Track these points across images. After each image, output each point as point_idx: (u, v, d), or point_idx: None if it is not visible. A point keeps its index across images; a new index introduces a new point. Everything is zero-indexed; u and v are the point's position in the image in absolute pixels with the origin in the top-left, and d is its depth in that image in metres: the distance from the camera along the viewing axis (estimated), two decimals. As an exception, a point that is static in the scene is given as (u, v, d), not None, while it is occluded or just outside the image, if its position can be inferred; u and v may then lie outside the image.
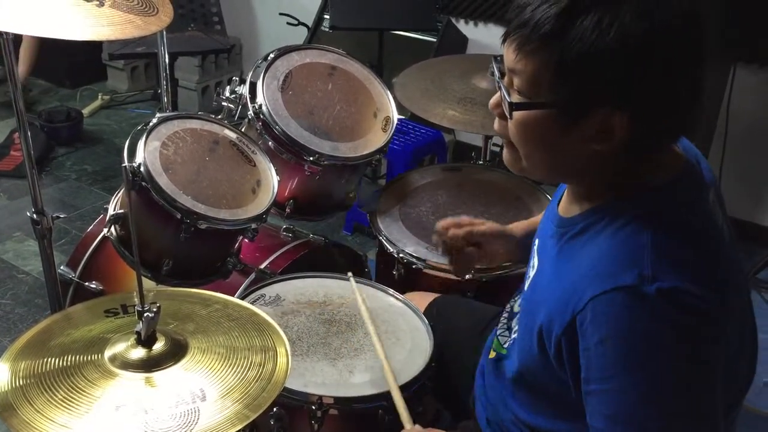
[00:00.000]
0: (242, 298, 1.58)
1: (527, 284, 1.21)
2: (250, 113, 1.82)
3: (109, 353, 1.13)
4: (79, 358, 1.12)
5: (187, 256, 1.68)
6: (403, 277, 1.83)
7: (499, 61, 1.06)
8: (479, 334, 1.50)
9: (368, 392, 1.37)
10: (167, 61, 2.05)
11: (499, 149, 2.91)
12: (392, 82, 2.14)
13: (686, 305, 0.93)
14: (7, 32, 1.57)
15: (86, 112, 4.02)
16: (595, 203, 1.06)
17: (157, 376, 1.10)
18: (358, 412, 1.38)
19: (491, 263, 1.60)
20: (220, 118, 1.80)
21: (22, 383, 1.08)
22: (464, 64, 2.30)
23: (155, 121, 1.66)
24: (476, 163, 2.28)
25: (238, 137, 1.75)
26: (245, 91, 1.84)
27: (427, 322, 1.55)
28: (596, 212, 1.05)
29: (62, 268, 1.96)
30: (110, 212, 1.72)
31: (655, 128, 0.98)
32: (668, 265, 0.95)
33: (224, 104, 1.88)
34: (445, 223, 1.49)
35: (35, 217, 1.75)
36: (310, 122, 1.85)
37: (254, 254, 1.90)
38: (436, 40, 3.40)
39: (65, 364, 1.11)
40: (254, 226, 1.68)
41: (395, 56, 3.20)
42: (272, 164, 1.76)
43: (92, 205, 3.27)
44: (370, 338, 1.50)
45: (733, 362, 1.01)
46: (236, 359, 1.15)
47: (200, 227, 1.59)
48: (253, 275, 1.81)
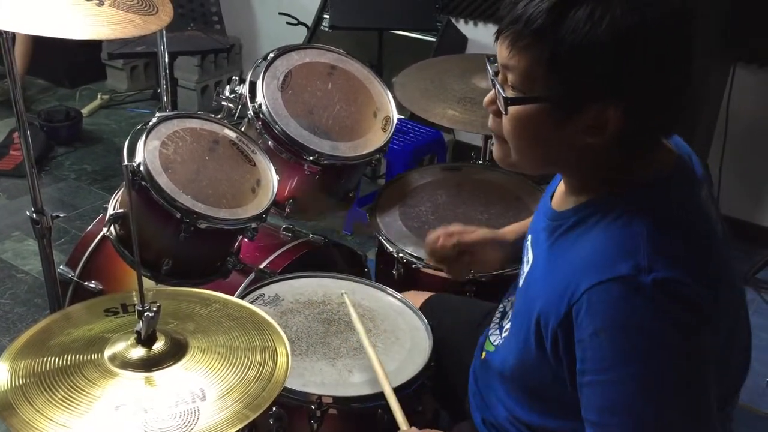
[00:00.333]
0: (242, 297, 1.58)
1: (521, 280, 1.22)
2: (249, 113, 1.82)
3: (108, 353, 1.13)
4: (78, 357, 1.12)
5: (186, 255, 1.68)
6: (402, 276, 1.83)
7: (492, 60, 1.07)
8: (474, 330, 1.50)
9: (367, 392, 1.37)
10: (167, 60, 2.05)
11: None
12: (392, 81, 2.14)
13: (681, 296, 0.94)
14: (6, 31, 1.57)
15: (85, 111, 4.02)
16: (588, 197, 1.07)
17: (156, 375, 1.10)
18: (357, 411, 1.38)
19: (485, 269, 1.60)
20: (219, 117, 1.80)
21: (21, 383, 1.08)
22: (464, 63, 2.30)
23: (155, 120, 1.66)
24: (476, 162, 2.28)
25: (237, 137, 1.75)
26: (245, 90, 1.85)
27: (426, 321, 1.55)
28: (589, 206, 1.06)
29: (62, 267, 1.96)
30: (110, 212, 1.72)
31: (647, 123, 0.99)
32: (664, 255, 0.95)
33: (224, 104, 1.88)
34: (434, 235, 1.51)
35: (35, 216, 1.75)
36: (309, 122, 1.85)
37: (254, 254, 1.90)
38: (435, 39, 3.40)
39: (65, 363, 1.11)
40: (254, 225, 1.68)
41: (395, 56, 3.20)
42: (272, 164, 1.76)
43: (91, 204, 3.27)
44: (369, 338, 1.50)
45: (724, 355, 1.02)
46: (236, 359, 1.15)
47: (200, 227, 1.59)
48: (252, 275, 1.81)
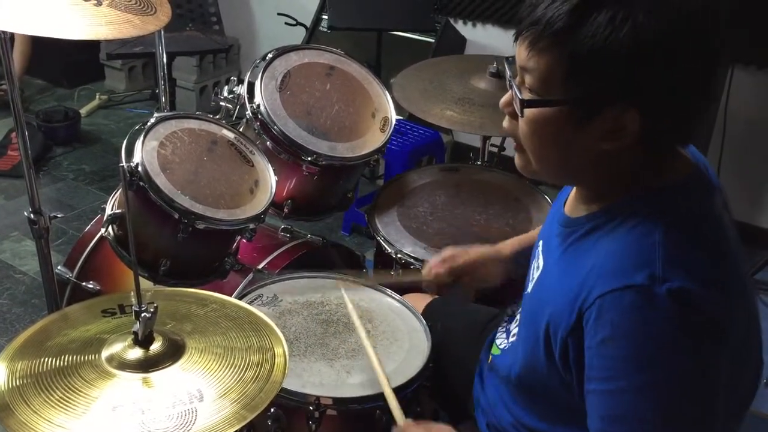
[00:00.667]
0: (240, 298, 1.58)
1: (531, 285, 1.20)
2: (248, 113, 1.82)
3: (106, 353, 1.12)
4: (76, 358, 1.12)
5: (184, 256, 1.68)
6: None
7: (511, 61, 1.05)
8: (477, 335, 1.50)
9: (366, 393, 1.36)
10: (165, 60, 2.05)
11: (497, 150, 2.91)
12: (390, 82, 2.14)
13: (696, 307, 0.92)
14: (4, 32, 1.57)
15: (84, 111, 4.01)
16: (603, 204, 1.05)
17: (154, 376, 1.10)
18: (355, 412, 1.38)
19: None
20: (218, 118, 1.80)
21: (18, 383, 1.08)
22: (462, 64, 2.30)
23: (153, 120, 1.66)
24: (474, 163, 2.28)
25: (236, 137, 1.75)
26: (243, 91, 1.84)
27: (425, 323, 1.55)
28: (604, 213, 1.04)
29: (59, 268, 1.96)
30: (108, 212, 1.71)
31: (665, 129, 0.98)
32: (679, 266, 0.94)
33: (222, 104, 1.88)
34: (427, 267, 1.52)
35: (32, 216, 1.75)
36: (308, 122, 1.85)
37: (252, 254, 1.89)
38: (434, 40, 3.41)
39: (62, 364, 1.11)
40: (252, 226, 1.68)
41: (393, 56, 3.20)
42: (270, 164, 1.76)
43: (90, 205, 3.26)
44: (368, 339, 1.50)
45: (736, 368, 1.00)
46: (234, 359, 1.15)
47: (198, 227, 1.59)
48: (250, 275, 1.81)
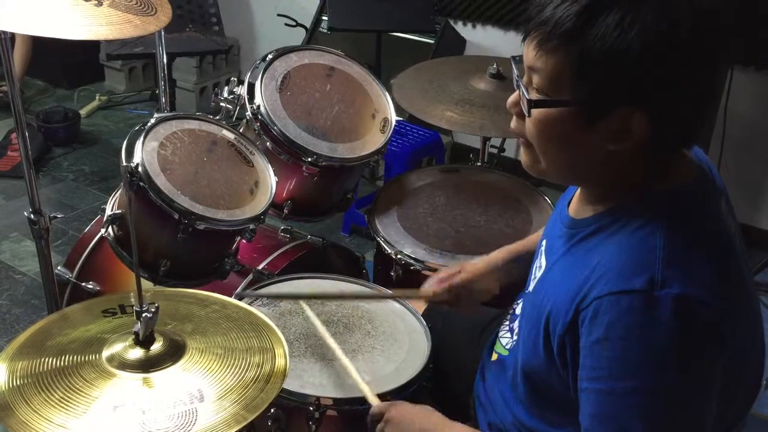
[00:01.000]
0: (240, 298, 1.58)
1: (533, 284, 1.20)
2: (248, 114, 1.82)
3: (106, 353, 1.13)
4: (76, 358, 1.12)
5: (184, 256, 1.68)
6: (400, 278, 1.83)
7: (518, 60, 1.05)
8: (477, 335, 1.50)
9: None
10: (165, 61, 2.05)
11: (497, 151, 2.91)
12: (390, 83, 2.14)
13: (693, 314, 0.92)
14: (5, 32, 1.57)
15: (84, 112, 4.01)
16: (607, 206, 1.05)
17: (154, 376, 1.10)
18: (355, 413, 1.38)
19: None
20: (218, 118, 1.80)
21: (19, 383, 1.08)
22: (462, 65, 2.30)
23: (153, 121, 1.66)
24: (474, 164, 2.29)
25: (236, 138, 1.75)
26: (243, 91, 1.84)
27: (425, 323, 1.55)
28: (609, 215, 1.04)
29: (59, 268, 1.96)
30: (108, 213, 1.72)
31: (672, 131, 0.98)
32: (679, 271, 0.94)
33: (222, 105, 1.88)
34: (427, 287, 1.50)
35: (32, 217, 1.75)
36: (308, 123, 1.85)
37: (252, 255, 1.90)
38: (434, 41, 3.41)
39: (62, 364, 1.11)
40: (252, 226, 1.68)
41: (393, 58, 3.20)
42: (270, 165, 1.76)
43: (89, 205, 3.26)
44: (368, 339, 1.50)
45: (735, 375, 1.00)
46: (234, 360, 1.15)
47: (198, 228, 1.59)
48: (250, 276, 1.81)
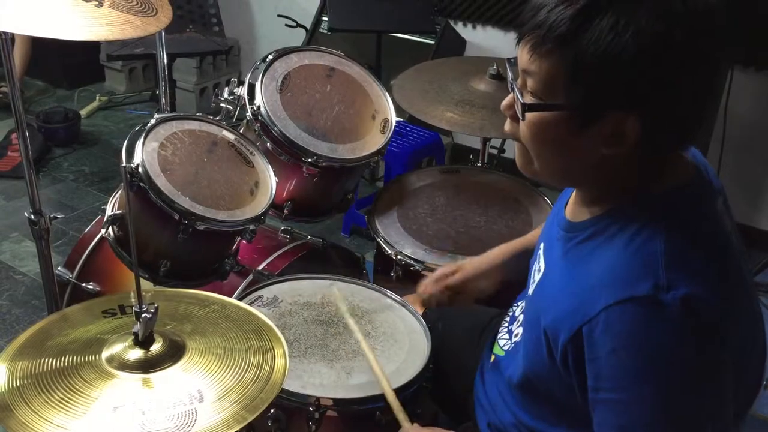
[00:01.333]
0: (240, 299, 1.58)
1: (532, 288, 1.20)
2: (248, 114, 1.82)
3: (106, 354, 1.13)
4: (76, 358, 1.12)
5: (184, 257, 1.68)
6: (400, 278, 1.83)
7: (513, 63, 1.05)
8: (478, 336, 1.50)
9: (366, 393, 1.36)
10: (165, 62, 2.05)
11: (497, 152, 2.90)
12: (390, 84, 2.14)
13: (701, 314, 0.93)
14: (5, 32, 1.57)
15: (84, 113, 4.01)
16: (604, 208, 1.05)
17: (154, 377, 1.10)
18: (355, 413, 1.38)
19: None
20: (218, 119, 1.80)
21: (19, 384, 1.08)
22: (462, 66, 2.30)
23: (153, 121, 1.66)
24: (474, 165, 2.29)
25: (236, 138, 1.75)
26: (243, 92, 1.84)
27: (425, 324, 1.55)
28: (606, 217, 1.04)
29: (59, 269, 1.96)
30: (108, 213, 1.72)
31: (667, 134, 0.98)
32: (681, 272, 0.94)
33: (222, 105, 1.88)
34: (422, 287, 1.54)
35: (33, 217, 1.75)
36: (308, 124, 1.85)
37: (252, 255, 1.90)
38: (434, 42, 3.41)
39: (62, 364, 1.11)
40: (252, 227, 1.68)
41: (393, 58, 3.20)
42: (270, 165, 1.76)
43: (90, 206, 3.26)
44: (368, 340, 1.50)
45: (739, 370, 1.00)
46: (234, 360, 1.15)
47: (198, 228, 1.59)
48: (250, 276, 1.81)
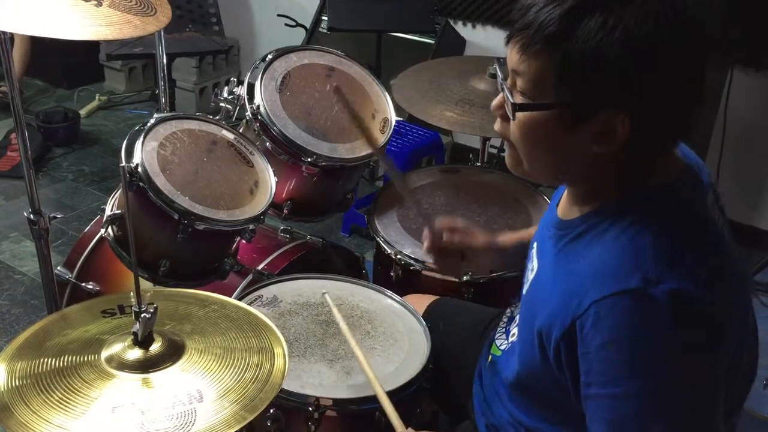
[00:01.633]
0: (239, 299, 1.58)
1: (526, 287, 1.21)
2: (247, 114, 1.82)
3: (105, 354, 1.13)
4: (75, 358, 1.12)
5: (184, 256, 1.68)
6: (400, 278, 1.83)
7: (502, 63, 1.05)
8: (478, 336, 1.50)
9: (365, 394, 1.36)
10: (165, 61, 2.05)
11: (497, 151, 2.91)
12: (390, 83, 2.14)
13: (691, 307, 0.93)
14: (4, 32, 1.57)
15: (83, 112, 4.01)
16: (594, 206, 1.06)
17: (154, 376, 1.10)
18: (355, 413, 1.38)
19: (478, 271, 1.59)
20: (217, 118, 1.80)
21: (18, 384, 1.08)
22: (462, 65, 2.30)
23: (153, 121, 1.66)
24: (474, 164, 2.29)
25: (236, 138, 1.75)
26: (243, 92, 1.84)
27: (424, 323, 1.55)
28: (596, 215, 1.05)
29: (59, 268, 1.96)
30: (107, 213, 1.72)
31: (656, 132, 0.98)
32: (672, 266, 0.95)
33: (222, 105, 1.88)
34: (444, 223, 1.49)
35: (32, 217, 1.75)
36: (308, 123, 1.85)
37: (252, 255, 1.89)
38: (434, 41, 3.41)
39: (62, 364, 1.11)
40: (252, 227, 1.68)
41: (393, 58, 3.20)
42: (270, 165, 1.76)
43: (89, 205, 3.26)
44: (367, 340, 1.50)
45: (733, 364, 1.01)
46: (233, 360, 1.15)
47: (198, 228, 1.59)
48: (250, 276, 1.81)
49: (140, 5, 1.54)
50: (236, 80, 1.91)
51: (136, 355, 1.11)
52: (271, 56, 1.89)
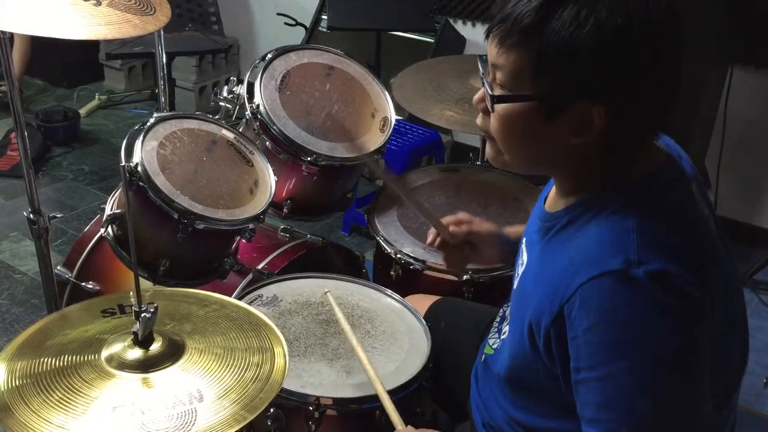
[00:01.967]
0: (239, 298, 1.58)
1: (516, 282, 1.22)
2: (247, 113, 1.82)
3: (106, 354, 1.13)
4: (75, 358, 1.12)
5: (184, 256, 1.68)
6: (400, 277, 1.83)
7: (483, 59, 1.08)
8: (480, 336, 1.50)
9: (366, 393, 1.36)
10: (165, 61, 2.05)
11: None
12: (390, 82, 2.14)
13: (673, 288, 0.94)
14: (4, 32, 1.56)
15: (83, 112, 4.01)
16: (578, 197, 1.08)
17: (154, 376, 1.10)
18: (355, 412, 1.38)
19: (482, 263, 1.61)
20: (217, 118, 1.80)
21: (18, 383, 1.08)
22: (462, 64, 2.30)
23: (152, 120, 1.66)
24: (474, 163, 2.28)
25: (235, 137, 1.75)
26: (243, 91, 1.84)
27: (425, 323, 1.55)
28: (579, 206, 1.07)
29: (59, 268, 1.96)
30: (107, 212, 1.72)
31: (633, 123, 1.00)
32: (654, 248, 0.96)
33: (222, 104, 1.88)
34: (447, 219, 1.51)
35: (32, 216, 1.75)
36: (307, 122, 1.85)
37: (251, 254, 1.89)
38: (433, 40, 3.41)
39: (62, 364, 1.11)
40: (251, 226, 1.68)
41: (393, 57, 3.20)
42: (270, 164, 1.76)
43: (89, 205, 3.26)
44: (368, 339, 1.50)
45: (721, 348, 1.03)
46: (233, 360, 1.15)
47: (197, 227, 1.59)
48: (250, 275, 1.81)
49: (139, 4, 1.54)
50: (236, 79, 1.91)
51: (136, 354, 1.11)
52: (270, 55, 1.89)
